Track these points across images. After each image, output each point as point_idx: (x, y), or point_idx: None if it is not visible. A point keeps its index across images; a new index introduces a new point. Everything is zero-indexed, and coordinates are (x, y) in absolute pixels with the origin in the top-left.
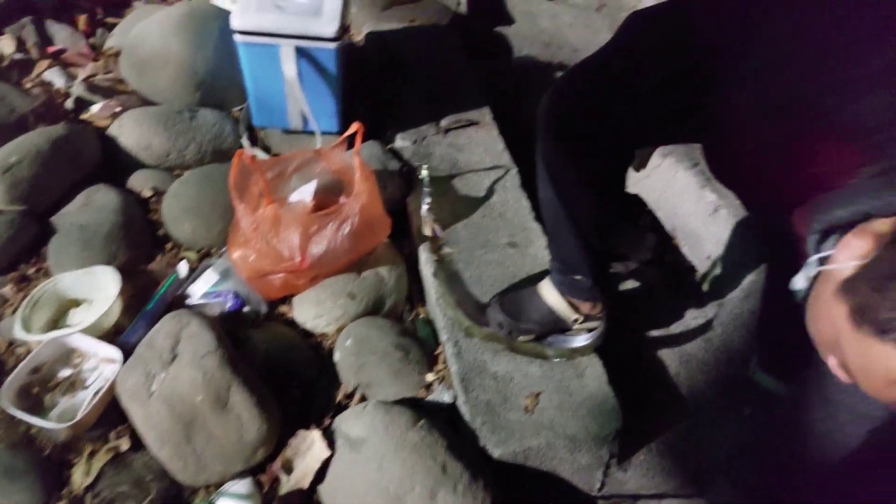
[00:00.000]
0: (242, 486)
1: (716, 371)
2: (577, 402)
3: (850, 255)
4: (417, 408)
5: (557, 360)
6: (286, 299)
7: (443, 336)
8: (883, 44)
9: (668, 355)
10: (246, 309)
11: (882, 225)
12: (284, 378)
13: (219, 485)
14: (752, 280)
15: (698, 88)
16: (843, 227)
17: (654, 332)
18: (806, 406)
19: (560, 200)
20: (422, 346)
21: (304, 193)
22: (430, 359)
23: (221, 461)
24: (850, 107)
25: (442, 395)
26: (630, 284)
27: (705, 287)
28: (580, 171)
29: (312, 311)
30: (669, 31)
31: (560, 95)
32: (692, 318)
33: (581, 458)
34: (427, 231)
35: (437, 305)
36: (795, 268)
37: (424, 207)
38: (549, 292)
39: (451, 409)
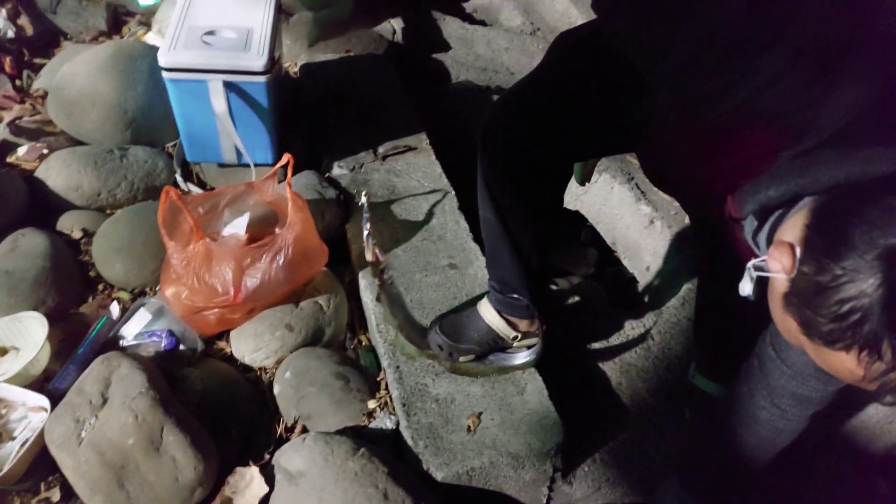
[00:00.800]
0: None
1: (655, 378)
2: (518, 419)
3: (777, 267)
4: (359, 436)
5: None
6: (223, 334)
7: (384, 361)
8: (790, 32)
9: (608, 366)
10: (182, 347)
11: (791, 232)
12: (223, 415)
13: None
14: (688, 288)
15: (625, 99)
16: (777, 208)
17: (595, 345)
18: (749, 395)
19: (499, 220)
20: (363, 373)
21: (237, 227)
22: (372, 386)
23: None
24: (763, 95)
25: (384, 422)
26: (573, 299)
27: (646, 297)
28: (519, 189)
29: (250, 345)
30: (591, 48)
31: (497, 116)
32: (631, 328)
33: (525, 475)
34: (368, 256)
35: (378, 332)
36: (730, 273)
37: (365, 233)
38: (487, 311)
39: (395, 434)
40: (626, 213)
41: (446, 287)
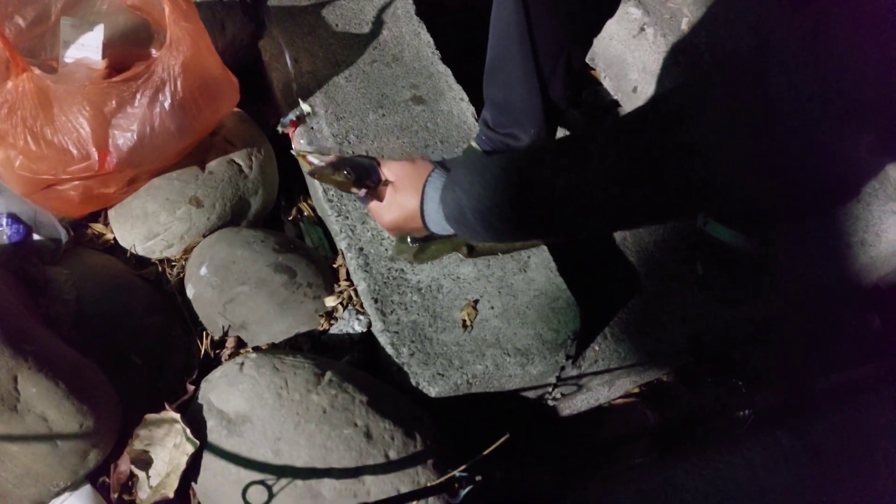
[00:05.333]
0: (78, 498)
1: (661, 228)
2: (524, 304)
3: None
4: (318, 346)
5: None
6: (99, 214)
7: (341, 242)
8: None
9: None
10: (36, 237)
11: None
12: (116, 334)
13: None
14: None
15: None
16: None
17: None
18: None
19: (525, 5)
20: (312, 260)
21: (86, 48)
22: (327, 276)
23: (32, 481)
24: None
25: (351, 324)
26: None
27: None
28: None
29: (141, 230)
30: None
31: None
32: None
33: (533, 370)
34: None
35: (328, 200)
36: None
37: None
38: None
39: (367, 338)
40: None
41: (412, 131)
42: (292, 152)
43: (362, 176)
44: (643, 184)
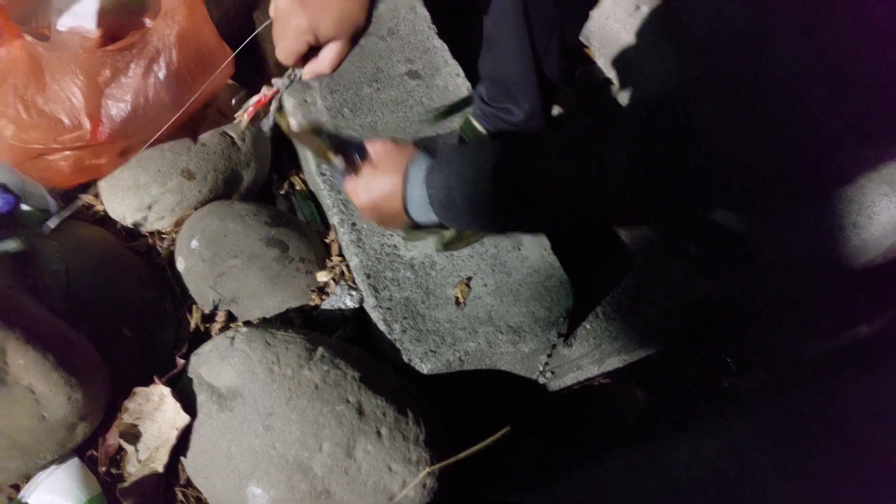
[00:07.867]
0: (65, 471)
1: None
2: (517, 282)
3: None
4: (310, 322)
5: None
6: (89, 185)
7: (333, 217)
8: None
9: None
10: (25, 207)
11: None
12: (105, 307)
13: (28, 479)
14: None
15: None
16: None
17: None
18: None
19: None
20: (304, 234)
21: (80, 17)
22: (319, 251)
23: (18, 454)
24: None
25: (343, 300)
26: None
27: (625, 104)
28: None
29: (132, 202)
30: None
31: None
32: None
33: (525, 347)
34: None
35: (320, 174)
36: None
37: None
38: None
39: (359, 314)
40: None
41: (407, 105)
42: (273, 111)
43: (341, 146)
44: (659, 177)
